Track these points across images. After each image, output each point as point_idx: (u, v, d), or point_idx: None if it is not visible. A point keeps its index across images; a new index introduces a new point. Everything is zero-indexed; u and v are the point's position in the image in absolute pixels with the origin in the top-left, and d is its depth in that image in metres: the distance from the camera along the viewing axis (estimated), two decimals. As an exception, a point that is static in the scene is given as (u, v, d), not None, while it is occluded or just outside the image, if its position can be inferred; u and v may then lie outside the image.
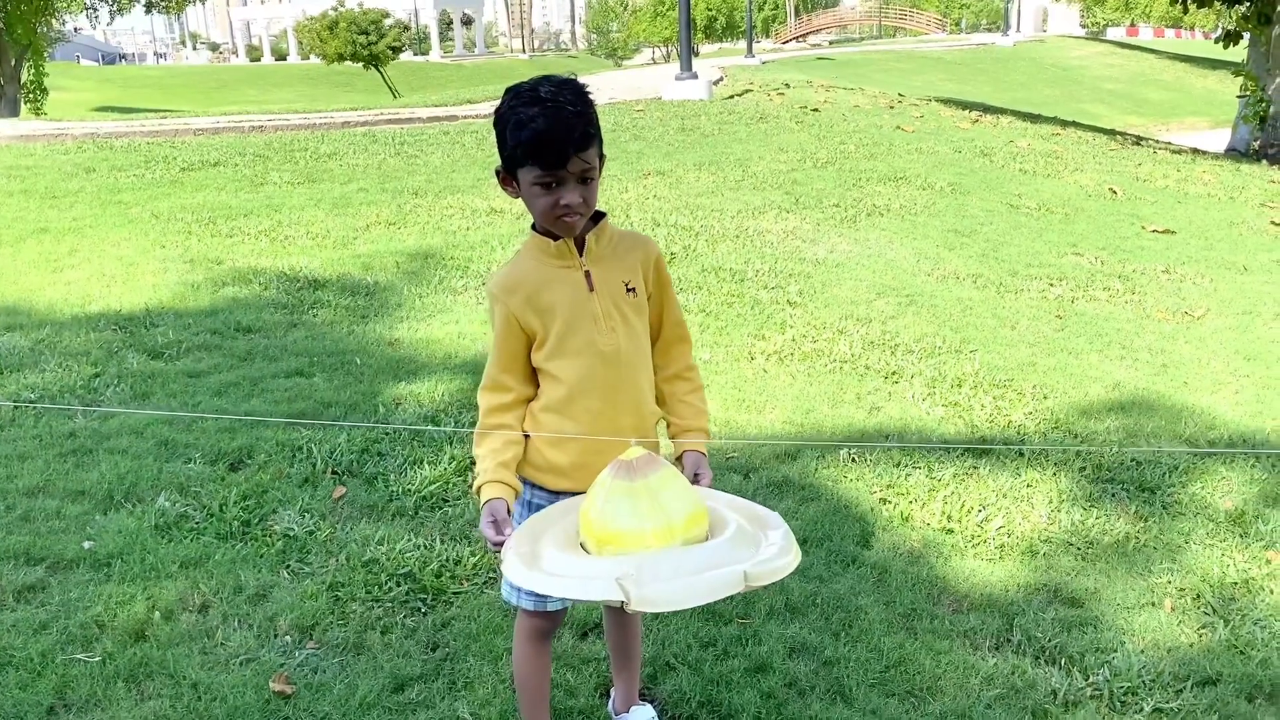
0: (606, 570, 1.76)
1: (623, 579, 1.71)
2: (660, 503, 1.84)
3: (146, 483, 3.37)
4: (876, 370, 4.81)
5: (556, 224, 1.93)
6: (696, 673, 2.62)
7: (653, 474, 1.87)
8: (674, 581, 1.75)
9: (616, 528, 1.83)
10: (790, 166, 10.04)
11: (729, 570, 1.75)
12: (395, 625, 2.79)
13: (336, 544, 3.13)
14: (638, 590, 1.70)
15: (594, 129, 1.88)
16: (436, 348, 4.75)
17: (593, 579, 1.76)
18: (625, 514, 1.83)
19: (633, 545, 1.81)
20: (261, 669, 2.56)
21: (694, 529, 1.86)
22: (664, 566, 1.77)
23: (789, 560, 1.82)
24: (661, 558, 1.77)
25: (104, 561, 2.94)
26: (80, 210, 6.71)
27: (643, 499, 1.83)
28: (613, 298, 2.02)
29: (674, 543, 1.81)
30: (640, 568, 1.74)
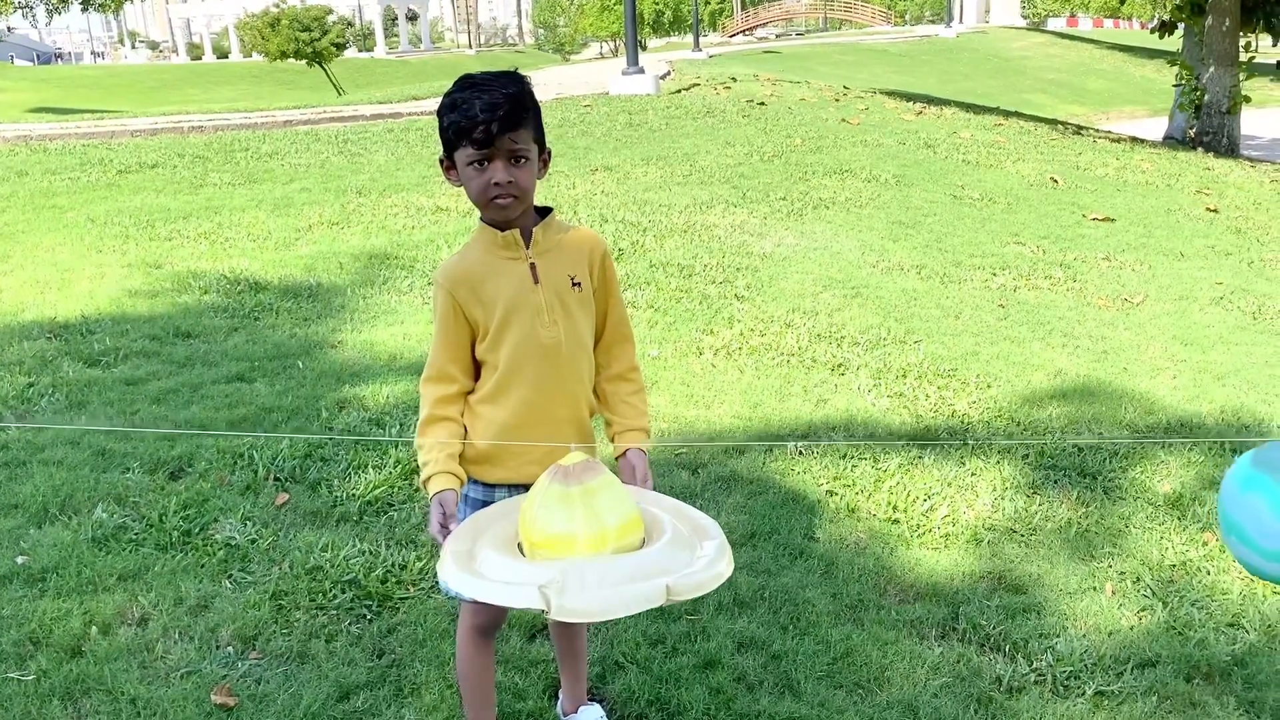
0: (531, 576, 1.75)
1: (546, 587, 1.71)
2: (594, 509, 1.83)
3: (83, 494, 3.30)
4: (823, 363, 4.84)
5: (490, 206, 1.97)
6: (645, 671, 2.62)
7: (590, 480, 1.86)
8: (597, 592, 1.74)
9: (548, 532, 1.82)
10: (737, 160, 10.06)
11: (652, 584, 1.74)
12: (340, 633, 2.75)
13: (279, 552, 3.08)
14: (559, 599, 1.70)
15: (526, 111, 1.93)
16: (381, 350, 4.70)
17: (517, 585, 1.76)
18: (558, 519, 1.82)
19: (564, 550, 1.80)
20: (203, 681, 2.52)
21: (627, 537, 1.85)
22: (590, 575, 1.76)
23: (715, 574, 1.82)
24: (588, 566, 1.77)
25: (38, 576, 2.87)
26: (11, 215, 6.54)
27: (577, 505, 1.83)
28: (557, 290, 2.04)
29: (605, 550, 1.81)
30: (566, 575, 1.74)
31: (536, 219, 2.04)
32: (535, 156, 1.97)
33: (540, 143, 1.98)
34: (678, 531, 1.95)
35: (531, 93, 1.99)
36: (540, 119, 1.99)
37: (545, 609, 1.70)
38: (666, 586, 1.74)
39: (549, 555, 1.82)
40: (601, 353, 2.16)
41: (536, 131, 1.96)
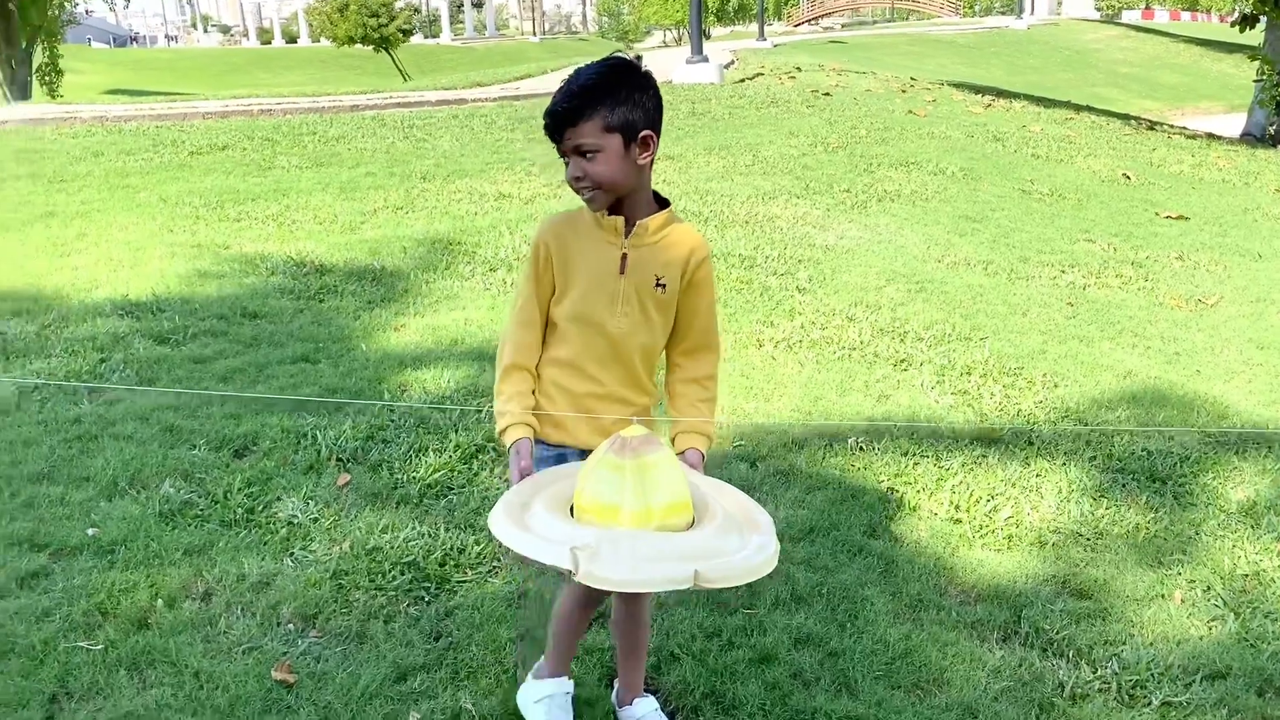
0: (569, 537, 1.77)
1: (579, 549, 1.71)
2: (644, 484, 1.83)
3: (151, 469, 3.36)
4: (885, 358, 4.77)
5: (578, 195, 2.04)
6: (701, 663, 2.61)
7: (646, 455, 1.86)
8: (627, 563, 1.75)
9: (595, 499, 1.84)
10: (801, 151, 9.97)
11: (681, 566, 1.73)
12: (398, 614, 2.77)
13: (340, 532, 3.11)
14: (588, 564, 1.71)
15: (588, 105, 1.95)
16: (443, 334, 4.73)
17: (552, 542, 1.77)
18: (606, 488, 1.83)
19: (607, 519, 1.81)
20: (264, 657, 2.55)
21: (673, 518, 1.85)
22: (624, 546, 1.76)
23: (749, 567, 1.81)
24: (625, 537, 1.77)
25: (107, 549, 2.93)
26: (88, 194, 6.70)
27: (628, 477, 1.83)
28: (639, 286, 2.07)
29: (649, 526, 1.81)
30: (600, 542, 1.74)
31: (655, 208, 2.08)
32: (614, 145, 1.96)
33: (624, 129, 1.96)
34: (729, 520, 1.93)
35: (610, 82, 1.97)
36: (625, 106, 1.95)
37: (573, 570, 1.70)
38: (696, 571, 1.73)
39: (593, 521, 1.83)
40: (682, 354, 2.18)
41: (614, 119, 1.95)
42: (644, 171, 2.04)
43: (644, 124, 1.99)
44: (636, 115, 1.98)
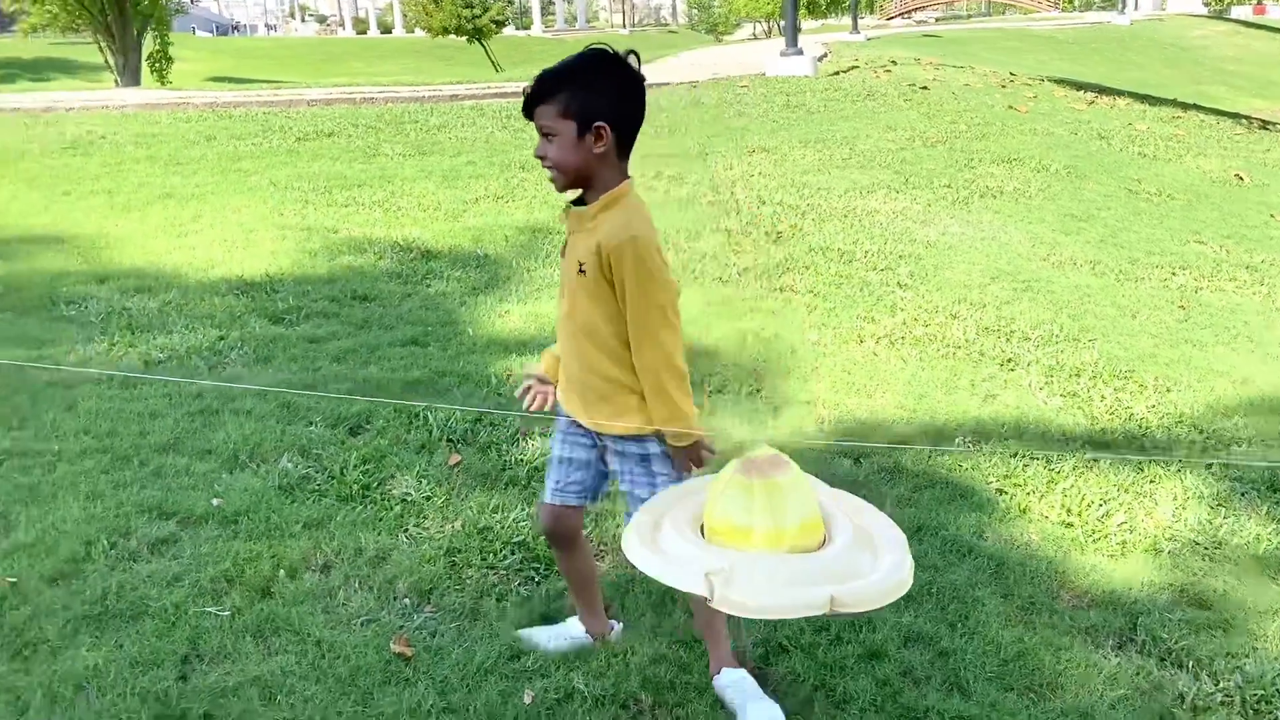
0: (702, 562, 1.77)
1: (713, 574, 1.72)
2: (775, 505, 1.83)
3: (270, 444, 3.47)
4: (991, 357, 4.69)
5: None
6: (810, 656, 2.60)
7: (775, 476, 1.86)
8: (761, 588, 1.75)
9: (726, 521, 1.84)
10: (899, 145, 9.82)
11: (817, 592, 1.73)
12: (510, 593, 2.82)
13: (452, 510, 3.18)
14: (723, 589, 1.71)
15: (550, 91, 2.07)
16: (546, 321, 4.78)
17: (686, 566, 1.78)
18: (737, 509, 1.83)
19: (739, 541, 1.81)
20: (382, 630, 2.61)
21: (805, 538, 1.84)
22: (758, 571, 1.76)
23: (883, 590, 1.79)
24: (759, 561, 1.77)
25: (231, 519, 3.03)
26: (202, 177, 6.92)
27: (758, 498, 1.83)
28: (570, 271, 2.22)
29: (781, 548, 1.80)
30: (735, 567, 1.74)
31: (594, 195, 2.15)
32: (568, 132, 2.06)
33: (579, 118, 2.06)
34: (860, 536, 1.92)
35: (577, 70, 2.09)
36: (584, 94, 2.06)
37: (709, 596, 1.71)
38: (831, 597, 1.72)
39: (724, 543, 1.83)
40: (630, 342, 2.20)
41: (571, 106, 2.06)
42: (604, 160, 2.11)
43: (603, 115, 2.07)
44: (597, 105, 2.07)
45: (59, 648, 2.46)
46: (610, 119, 2.09)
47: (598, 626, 2.63)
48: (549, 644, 2.61)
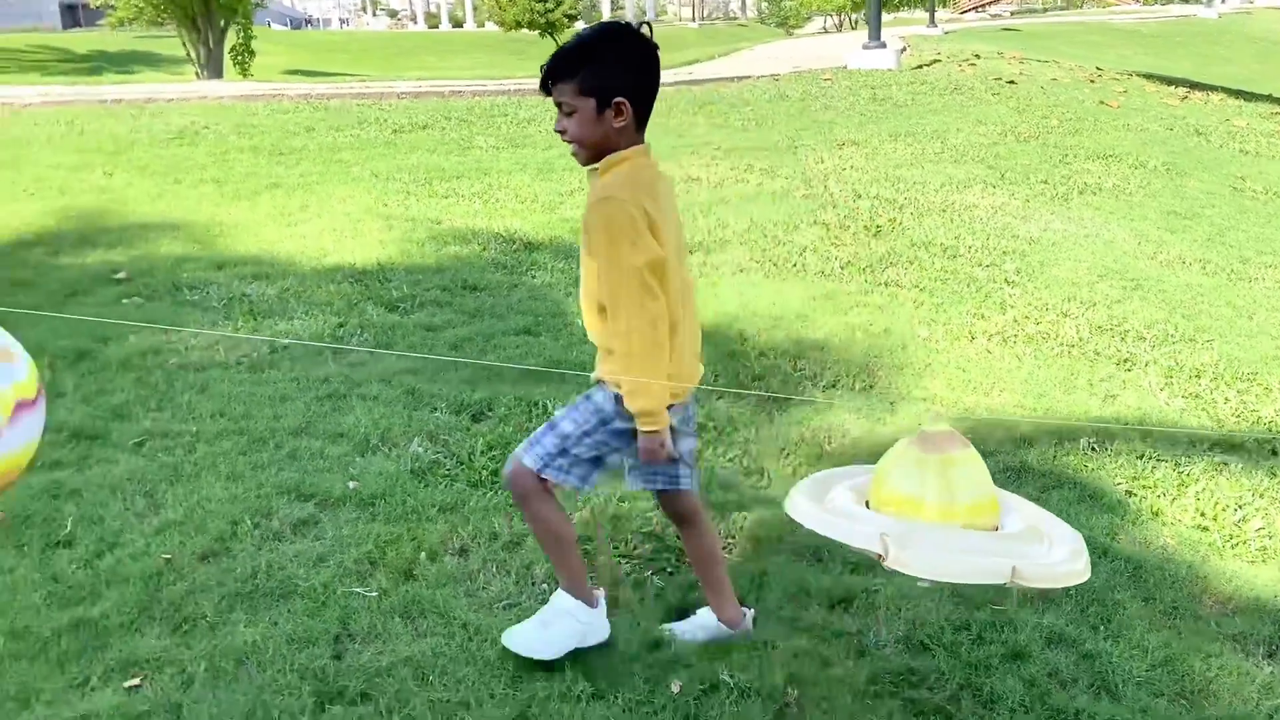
0: (876, 523, 1.77)
1: (887, 534, 1.72)
2: (949, 480, 1.82)
3: (399, 429, 3.52)
4: (1107, 357, 4.59)
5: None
6: (954, 655, 2.57)
7: (950, 450, 1.85)
8: (937, 552, 1.74)
9: (897, 491, 1.84)
10: (991, 140, 9.67)
11: (997, 560, 1.71)
12: (644, 582, 2.83)
13: (580, 499, 3.19)
14: (897, 549, 1.70)
15: (565, 67, 2.11)
16: (653, 313, 4.79)
17: (860, 524, 1.78)
18: (909, 481, 1.83)
19: (909, 512, 1.81)
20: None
21: (979, 517, 1.82)
22: (933, 537, 1.76)
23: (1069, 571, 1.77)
24: (934, 529, 1.77)
25: (368, 501, 3.08)
26: (306, 167, 7.05)
27: (931, 471, 1.82)
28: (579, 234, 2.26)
29: (953, 523, 1.79)
30: (910, 531, 1.74)
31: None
32: (588, 108, 2.10)
33: (598, 93, 2.09)
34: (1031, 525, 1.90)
35: (587, 45, 2.12)
36: (602, 69, 2.10)
37: (882, 554, 1.71)
38: (1014, 567, 1.70)
39: (893, 514, 1.83)
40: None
41: (586, 82, 2.09)
42: (622, 133, 2.14)
43: (622, 90, 2.10)
44: (616, 81, 2.10)
45: (216, 623, 2.52)
46: (629, 93, 2.12)
47: (730, 613, 2.60)
48: (685, 635, 2.61)
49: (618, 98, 2.10)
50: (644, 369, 2.16)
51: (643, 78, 2.15)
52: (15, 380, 2.16)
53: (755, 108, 10.76)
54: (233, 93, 9.79)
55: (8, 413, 2.14)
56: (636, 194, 2.12)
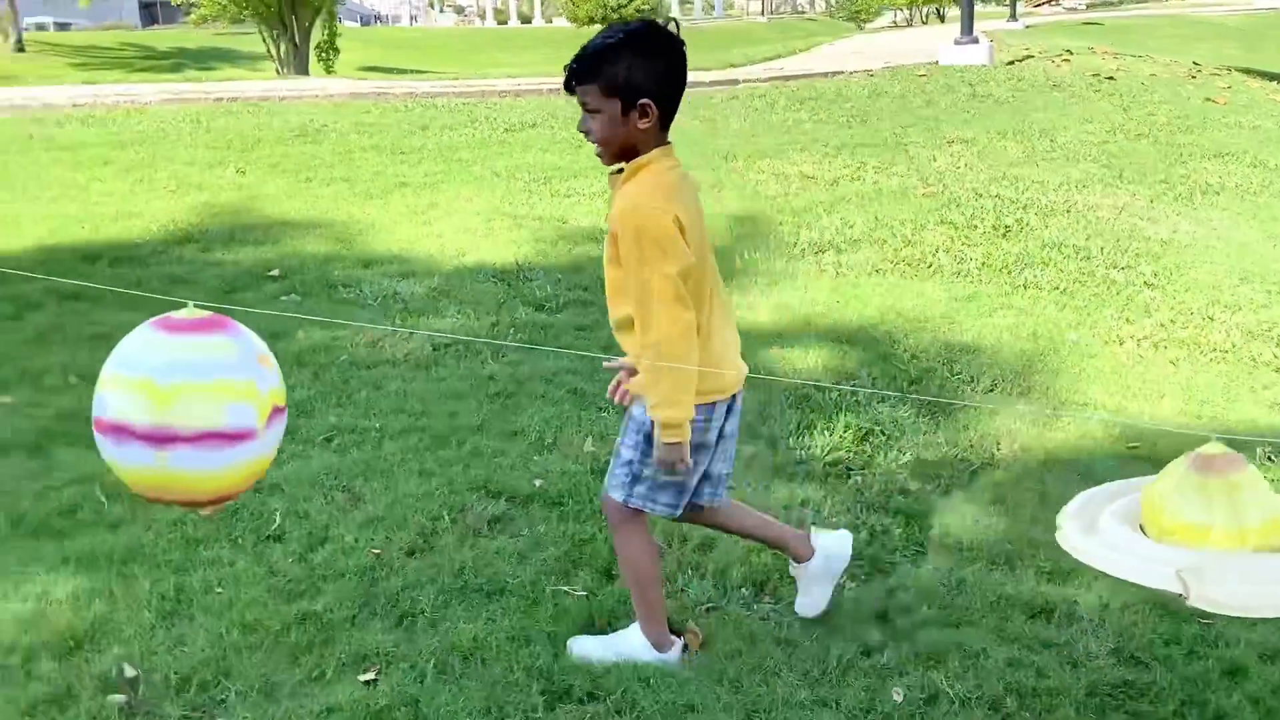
0: (1168, 559, 1.72)
1: (1184, 571, 1.67)
2: (1236, 504, 1.76)
3: (570, 428, 3.56)
4: (1266, 364, 4.49)
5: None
6: (1169, 669, 2.53)
7: (1232, 474, 1.80)
8: (1241, 586, 1.68)
9: (1181, 520, 1.78)
10: (1101, 138, 9.48)
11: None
12: (841, 589, 2.82)
13: (759, 501, 3.20)
14: (1199, 586, 1.65)
15: (587, 69, 2.09)
16: (795, 314, 4.78)
17: (1153, 564, 1.73)
18: (1194, 508, 1.77)
19: (1195, 540, 1.75)
20: (728, 619, 2.65)
21: (1271, 537, 1.77)
22: (1231, 569, 1.70)
23: None
24: (1230, 559, 1.71)
25: (556, 500, 3.12)
26: (428, 166, 7.14)
27: (1216, 496, 1.77)
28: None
29: (1244, 547, 1.74)
30: (1206, 564, 1.69)
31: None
32: (613, 110, 2.08)
33: (624, 95, 2.06)
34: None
35: (612, 45, 2.08)
36: (628, 70, 2.06)
37: (1183, 594, 1.66)
38: None
39: (1178, 543, 1.78)
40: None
41: (611, 83, 2.06)
42: (647, 134, 2.11)
43: (648, 91, 2.07)
44: (642, 82, 2.07)
45: (435, 619, 2.57)
46: (654, 95, 2.09)
47: (804, 549, 2.62)
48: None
49: (643, 99, 2.07)
50: (675, 380, 2.13)
51: (669, 78, 2.13)
52: (272, 386, 2.22)
53: (856, 104, 10.67)
54: (341, 91, 9.95)
55: (265, 415, 2.21)
56: (666, 200, 2.10)
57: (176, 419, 2.02)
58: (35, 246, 5.00)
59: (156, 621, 2.49)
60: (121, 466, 2.12)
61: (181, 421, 2.03)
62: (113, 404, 2.05)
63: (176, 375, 2.05)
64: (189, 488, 2.13)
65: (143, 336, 2.14)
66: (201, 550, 2.77)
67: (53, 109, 8.28)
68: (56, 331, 4.05)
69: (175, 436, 2.03)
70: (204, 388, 2.07)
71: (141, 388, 2.02)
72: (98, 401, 2.09)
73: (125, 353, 2.11)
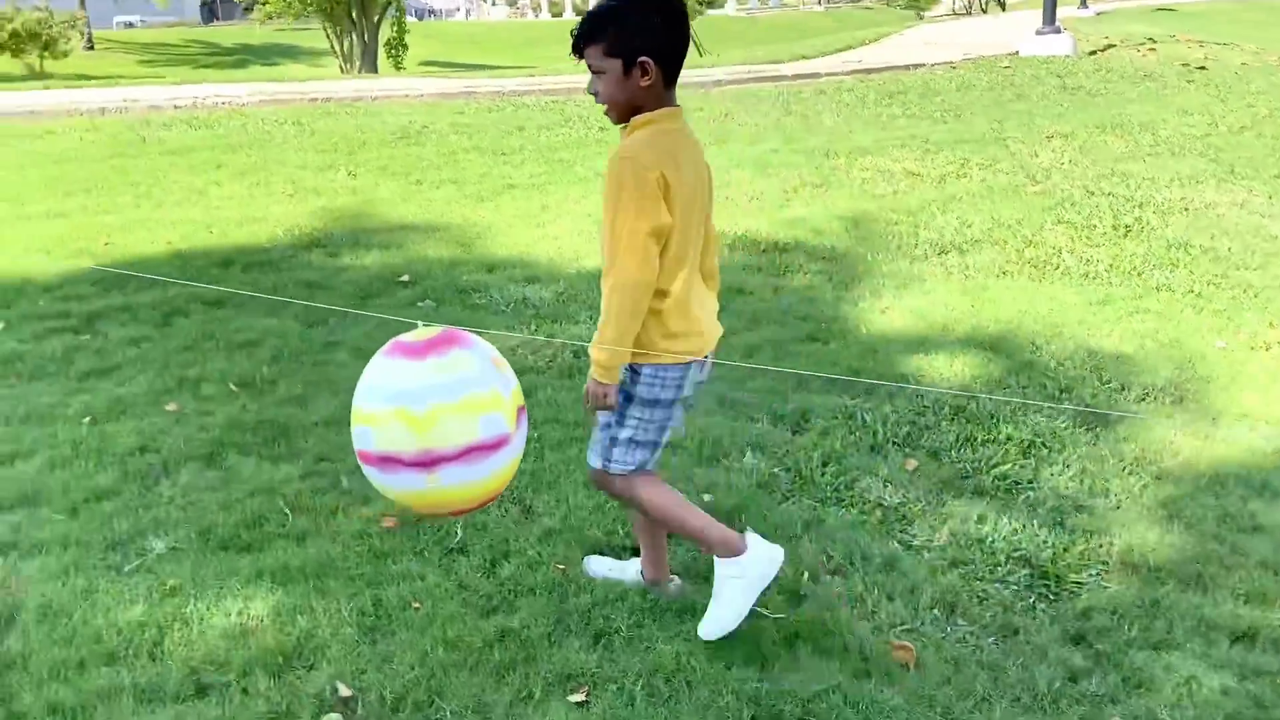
0: None
1: None
2: None
3: (727, 439, 3.52)
4: None
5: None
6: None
7: None
8: None
9: None
10: (1202, 131, 9.26)
11: None
12: (1032, 610, 2.76)
13: (935, 518, 3.14)
14: None
15: (594, 31, 2.18)
16: (933, 318, 4.70)
17: None
18: None
19: None
20: (926, 641, 2.60)
21: None
22: None
23: None
24: None
25: (729, 516, 3.07)
26: (531, 168, 7.12)
27: None
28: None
29: None
30: None
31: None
32: (616, 69, 2.18)
33: (624, 55, 2.17)
34: None
35: (613, 8, 2.18)
36: (627, 31, 2.16)
37: None
38: None
39: None
40: None
41: (612, 44, 2.17)
42: (650, 93, 2.20)
43: (647, 50, 2.16)
44: (641, 41, 2.16)
45: (630, 637, 2.54)
46: (654, 53, 2.18)
47: (656, 573, 2.68)
48: (602, 573, 2.74)
49: (643, 57, 2.17)
50: (617, 327, 2.24)
51: (668, 37, 2.21)
52: (512, 388, 2.22)
53: (946, 98, 10.51)
54: (431, 90, 9.98)
55: (514, 418, 2.21)
56: (657, 157, 2.18)
57: (438, 441, 2.05)
58: (170, 252, 5.06)
59: (360, 638, 2.50)
60: (394, 491, 2.14)
61: (443, 443, 2.05)
62: (376, 436, 2.07)
63: (429, 400, 2.07)
64: (461, 498, 2.15)
65: (386, 365, 2.15)
66: (390, 564, 2.77)
67: (159, 110, 8.40)
68: (207, 339, 4.09)
69: (441, 458, 2.06)
70: (456, 407, 2.09)
71: (400, 417, 2.05)
72: (360, 435, 2.11)
73: (374, 384, 2.12)
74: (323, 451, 3.34)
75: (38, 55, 22.35)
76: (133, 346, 4.02)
